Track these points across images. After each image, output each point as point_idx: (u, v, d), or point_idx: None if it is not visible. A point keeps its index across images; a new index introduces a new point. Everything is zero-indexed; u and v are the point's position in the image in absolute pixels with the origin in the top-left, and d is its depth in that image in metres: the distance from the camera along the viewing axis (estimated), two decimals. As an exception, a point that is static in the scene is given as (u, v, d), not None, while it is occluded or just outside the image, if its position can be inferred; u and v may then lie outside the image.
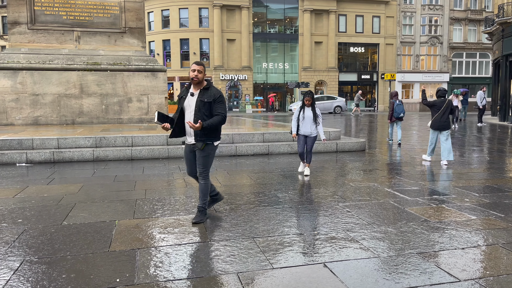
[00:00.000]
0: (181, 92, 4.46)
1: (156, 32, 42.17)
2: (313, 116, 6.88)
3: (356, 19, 44.71)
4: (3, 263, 3.35)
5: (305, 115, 6.90)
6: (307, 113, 6.91)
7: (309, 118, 6.90)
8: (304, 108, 6.94)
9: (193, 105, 4.31)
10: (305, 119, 6.91)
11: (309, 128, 6.92)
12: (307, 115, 6.91)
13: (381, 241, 3.86)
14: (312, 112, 6.90)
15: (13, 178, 6.91)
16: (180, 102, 4.38)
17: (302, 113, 6.92)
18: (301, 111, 6.94)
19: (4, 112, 12.54)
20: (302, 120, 6.92)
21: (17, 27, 13.09)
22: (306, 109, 6.93)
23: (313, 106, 6.92)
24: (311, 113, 6.90)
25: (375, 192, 5.84)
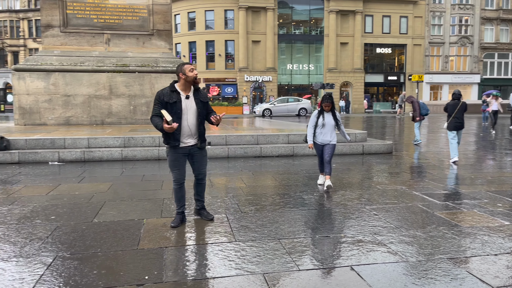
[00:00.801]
0: (169, 97, 4.16)
1: (182, 34, 42.74)
2: (335, 122, 6.16)
3: (383, 19, 44.04)
4: (37, 258, 3.47)
5: (325, 122, 6.10)
6: (327, 119, 6.11)
7: (330, 125, 6.12)
8: (324, 114, 6.13)
9: (194, 106, 4.26)
10: (326, 126, 6.11)
11: (329, 136, 6.15)
12: (328, 121, 6.11)
13: (409, 245, 3.79)
14: (333, 118, 6.15)
15: (46, 176, 7.15)
16: (175, 105, 4.15)
17: (322, 119, 6.11)
18: (319, 118, 6.14)
19: (38, 112, 12.98)
20: (322, 127, 6.12)
21: (50, 30, 13.54)
22: (326, 115, 6.13)
23: (333, 111, 6.17)
24: (332, 119, 6.13)
25: (403, 195, 5.73)
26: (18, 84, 12.88)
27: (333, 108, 6.17)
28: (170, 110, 4.13)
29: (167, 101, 4.15)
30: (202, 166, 4.49)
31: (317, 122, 6.14)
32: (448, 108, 9.00)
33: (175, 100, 4.17)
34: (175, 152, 4.27)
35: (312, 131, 6.20)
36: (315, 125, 6.16)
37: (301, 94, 45.40)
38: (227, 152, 9.46)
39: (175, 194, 4.41)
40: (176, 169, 4.32)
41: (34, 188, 6.21)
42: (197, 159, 4.42)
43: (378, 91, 47.11)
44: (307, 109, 32.60)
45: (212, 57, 42.32)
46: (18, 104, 12.93)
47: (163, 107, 4.13)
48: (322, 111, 6.16)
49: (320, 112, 6.18)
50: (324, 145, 6.19)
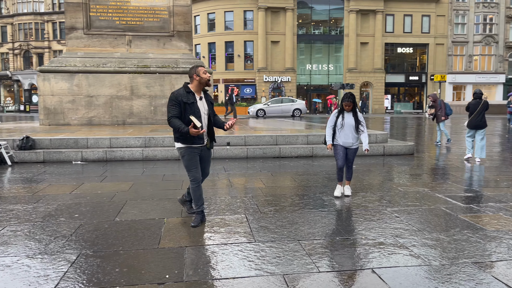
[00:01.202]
0: (186, 97, 4.21)
1: (202, 35, 43.06)
2: (355, 123, 5.62)
3: (405, 18, 43.39)
4: (61, 255, 3.54)
5: (344, 122, 5.60)
6: (347, 119, 5.62)
7: (350, 125, 5.61)
8: (344, 114, 5.66)
9: (206, 107, 4.39)
10: (345, 126, 5.61)
11: (351, 138, 5.63)
12: (348, 122, 5.61)
13: (432, 248, 3.71)
14: (354, 118, 5.63)
15: (70, 175, 7.30)
16: (193, 106, 4.22)
17: (341, 119, 5.63)
18: (339, 117, 5.67)
19: (62, 112, 13.28)
20: (341, 127, 5.63)
21: (74, 32, 13.84)
22: (346, 115, 5.64)
23: (354, 111, 5.65)
24: (352, 120, 5.62)
25: (425, 198, 5.63)
26: (43, 85, 13.21)
27: (355, 108, 5.66)
28: (189, 111, 4.20)
29: (186, 102, 4.20)
30: (208, 165, 4.63)
31: (336, 122, 5.68)
32: (470, 107, 9.23)
33: (193, 100, 4.24)
34: (192, 152, 4.33)
35: (330, 131, 5.74)
36: (333, 125, 5.70)
37: (320, 94, 45.19)
38: (246, 153, 9.47)
39: (194, 193, 4.43)
40: (194, 168, 4.37)
41: (58, 186, 6.35)
42: (204, 158, 4.53)
43: (399, 91, 46.42)
44: (301, 110, 32.05)
45: (231, 58, 42.50)
46: (43, 104, 13.26)
47: (180, 108, 4.19)
48: (342, 110, 5.69)
49: (340, 112, 5.70)
50: (347, 148, 5.71)
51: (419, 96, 46.19)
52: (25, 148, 8.92)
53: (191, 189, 4.44)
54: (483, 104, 9.01)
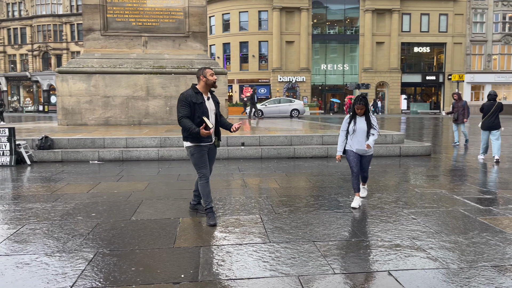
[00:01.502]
0: (195, 98, 4.36)
1: (216, 35, 43.24)
2: (368, 127, 5.12)
3: (421, 17, 42.81)
4: (79, 253, 3.60)
5: (356, 127, 5.13)
6: (359, 124, 5.13)
7: (362, 131, 5.12)
8: (356, 118, 5.18)
9: (213, 107, 4.58)
10: (357, 132, 5.13)
11: (364, 144, 5.16)
12: (360, 127, 5.12)
13: (450, 251, 3.65)
14: (366, 122, 5.14)
15: (87, 175, 7.41)
16: (202, 106, 4.39)
17: (353, 124, 5.17)
18: (351, 123, 5.21)
19: (79, 113, 13.49)
20: (353, 133, 5.17)
21: (91, 33, 14.05)
22: (358, 120, 5.16)
23: (367, 115, 5.16)
24: (364, 125, 5.12)
25: (443, 199, 5.54)
26: (62, 86, 13.44)
27: (367, 111, 5.16)
28: (198, 111, 4.35)
29: (195, 102, 4.37)
30: (212, 163, 4.78)
31: (348, 128, 5.24)
32: (484, 108, 9.32)
33: (201, 101, 4.42)
34: (201, 150, 4.49)
35: (342, 138, 5.29)
36: (346, 130, 5.26)
37: (335, 94, 44.90)
38: (260, 153, 9.47)
39: (204, 190, 4.53)
40: (203, 165, 4.51)
41: (76, 186, 6.45)
42: (211, 156, 4.68)
43: (415, 91, 45.82)
44: (299, 110, 31.70)
45: (246, 58, 42.56)
46: (61, 105, 13.49)
47: (190, 108, 4.35)
48: (354, 115, 5.20)
49: (352, 117, 5.22)
50: (361, 155, 5.30)
51: (436, 96, 45.51)
52: (43, 147, 9.09)
53: (200, 186, 4.54)
54: (497, 106, 9.11)
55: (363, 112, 5.16)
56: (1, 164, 8.44)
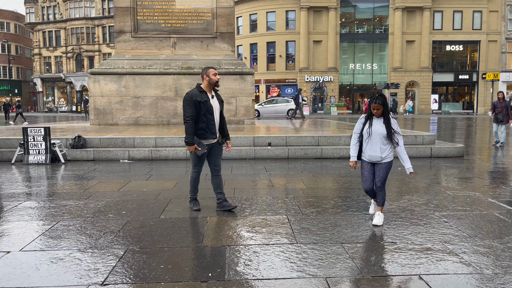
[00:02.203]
0: (199, 96, 4.62)
1: (244, 36, 43.42)
2: (387, 131, 4.30)
3: (454, 15, 41.60)
4: (110, 250, 3.69)
5: (372, 130, 4.34)
6: (376, 126, 4.34)
7: (378, 135, 4.32)
8: (372, 120, 4.39)
9: (217, 105, 4.84)
10: (373, 136, 4.35)
11: (379, 150, 4.35)
12: (376, 129, 4.33)
13: (484, 256, 3.53)
14: (385, 125, 4.32)
15: (117, 173, 7.60)
16: (206, 104, 4.65)
17: (368, 127, 4.38)
18: (365, 124, 4.43)
19: (110, 113, 13.85)
20: (368, 137, 4.39)
21: (122, 35, 14.39)
22: (374, 122, 4.37)
23: (385, 116, 4.33)
24: (382, 127, 4.32)
25: (477, 202, 5.36)
26: (94, 87, 13.83)
27: (386, 112, 4.35)
28: (203, 109, 4.64)
29: (200, 101, 4.63)
30: (218, 158, 4.99)
31: (362, 130, 4.45)
32: None
33: (206, 99, 4.68)
34: (203, 148, 4.72)
35: (355, 141, 4.52)
36: (360, 133, 4.47)
37: (364, 94, 44.22)
38: (287, 153, 9.44)
39: (194, 182, 4.97)
40: (200, 163, 4.92)
41: (107, 184, 6.62)
42: (215, 152, 4.92)
43: (447, 91, 44.56)
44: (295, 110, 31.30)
45: (273, 58, 42.55)
46: (93, 105, 13.88)
47: (196, 107, 4.62)
48: (370, 115, 4.41)
49: (368, 117, 4.43)
50: (374, 164, 4.45)
51: (469, 96, 44.10)
52: (77, 146, 9.38)
53: (192, 178, 4.97)
54: None
55: (381, 113, 4.33)
56: (37, 162, 8.77)
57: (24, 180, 7.04)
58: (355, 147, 4.52)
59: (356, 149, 4.52)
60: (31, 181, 6.94)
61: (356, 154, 4.54)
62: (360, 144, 4.49)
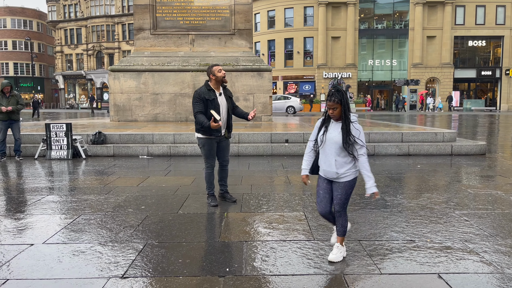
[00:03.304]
0: (207, 94, 4.77)
1: (261, 32, 43.35)
2: (343, 140, 3.19)
3: (477, 9, 40.62)
4: (130, 244, 3.76)
5: (326, 138, 3.27)
6: (332, 132, 3.26)
7: (333, 144, 3.24)
8: (328, 124, 3.31)
9: (225, 102, 4.95)
10: (326, 145, 3.28)
11: (334, 164, 3.27)
12: (332, 137, 3.25)
13: (506, 255, 3.46)
14: (342, 131, 3.20)
15: (137, 169, 7.72)
16: (214, 102, 4.79)
17: (323, 133, 3.31)
18: (321, 129, 3.35)
19: (130, 109, 14.05)
20: (322, 145, 3.32)
21: (141, 32, 14.56)
22: (332, 126, 3.28)
23: (345, 119, 3.19)
24: (338, 134, 3.22)
25: (499, 201, 5.24)
26: (114, 84, 14.05)
27: (345, 113, 3.18)
28: (210, 106, 4.76)
29: (208, 99, 4.77)
30: (226, 153, 5.20)
31: (317, 138, 3.39)
32: None
33: (213, 97, 4.82)
34: (211, 143, 4.96)
35: (309, 149, 3.49)
36: (314, 140, 3.41)
37: (382, 90, 43.65)
38: (304, 150, 9.39)
39: (209, 178, 5.07)
40: (211, 157, 5.05)
41: (126, 179, 6.74)
42: (223, 147, 5.10)
43: (469, 87, 43.61)
44: (294, 107, 30.76)
45: (291, 55, 42.38)
46: (113, 102, 14.11)
47: (204, 104, 4.76)
48: (328, 118, 3.32)
49: (324, 121, 3.34)
50: (332, 181, 3.38)
51: (492, 92, 43.05)
52: (97, 142, 9.55)
53: (206, 174, 5.08)
54: None
55: (339, 114, 3.20)
56: (59, 157, 8.98)
57: (47, 175, 7.22)
58: (307, 157, 3.50)
59: (309, 160, 3.50)
60: (54, 176, 7.11)
61: (308, 166, 3.51)
62: (317, 154, 3.43)
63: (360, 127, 3.25)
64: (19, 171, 7.62)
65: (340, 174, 3.29)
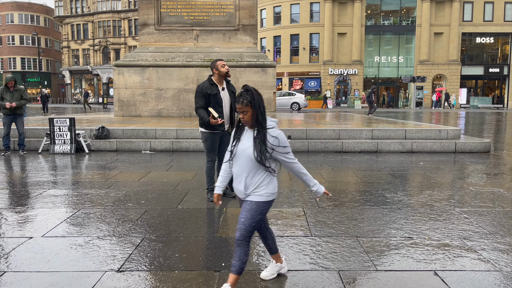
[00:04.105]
0: (210, 89, 4.82)
1: (267, 28, 43.22)
2: (257, 151, 2.57)
3: (485, 6, 40.18)
4: (128, 238, 3.78)
5: (237, 149, 2.68)
6: (244, 143, 2.66)
7: (245, 156, 2.63)
8: (242, 133, 2.72)
9: (228, 97, 4.99)
10: (237, 157, 2.68)
11: (244, 180, 2.65)
12: (244, 148, 2.65)
13: (504, 253, 3.43)
14: (255, 141, 2.60)
15: (139, 164, 7.75)
16: (216, 96, 4.84)
17: (235, 143, 2.71)
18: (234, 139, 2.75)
19: (134, 105, 14.09)
20: (233, 157, 2.72)
21: (146, 28, 14.57)
22: (245, 135, 2.69)
23: (260, 129, 2.61)
24: (250, 145, 2.62)
25: (500, 199, 5.20)
26: (118, 79, 14.09)
27: (259, 118, 2.59)
28: (212, 101, 4.82)
29: (210, 93, 4.82)
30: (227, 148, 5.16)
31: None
32: None
33: (216, 92, 4.86)
34: (214, 137, 5.00)
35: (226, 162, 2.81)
36: (230, 150, 2.75)
37: (389, 87, 43.39)
38: (307, 146, 9.39)
39: (210, 172, 5.13)
40: (213, 151, 5.09)
41: (128, 174, 6.76)
42: (225, 142, 5.05)
43: (476, 85, 43.22)
44: (299, 103, 30.63)
45: (296, 51, 42.23)
46: (117, 97, 14.15)
47: (206, 99, 4.81)
48: (241, 126, 2.73)
49: (238, 128, 2.75)
50: (242, 200, 2.73)
51: (499, 90, 42.64)
52: (100, 137, 9.60)
53: (207, 168, 5.14)
54: None
55: (250, 120, 2.60)
56: (62, 152, 9.03)
57: (49, 169, 7.27)
58: (223, 171, 2.82)
59: (225, 175, 2.82)
60: (56, 170, 7.16)
61: (223, 183, 2.83)
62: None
63: (279, 133, 2.62)
64: (23, 165, 7.68)
65: (249, 193, 2.64)
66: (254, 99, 2.58)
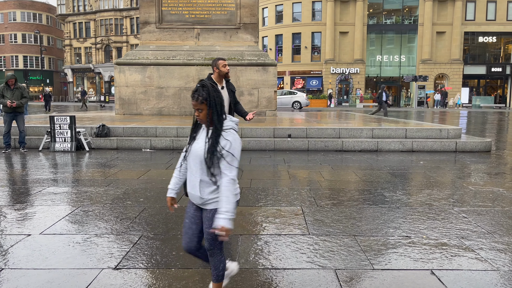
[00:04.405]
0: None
1: (269, 27, 43.18)
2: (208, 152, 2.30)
3: (488, 5, 40.04)
4: (125, 236, 3.78)
5: (191, 149, 2.43)
6: (198, 143, 2.40)
7: (197, 157, 2.37)
8: (198, 132, 2.47)
9: (227, 96, 4.99)
10: (190, 159, 2.42)
11: (198, 185, 2.37)
12: (196, 148, 2.38)
13: (502, 253, 3.42)
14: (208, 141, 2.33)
15: (139, 162, 7.75)
16: None
17: (190, 143, 2.47)
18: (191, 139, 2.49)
19: (135, 103, 14.10)
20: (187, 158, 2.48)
21: (147, 26, 14.57)
22: (200, 134, 2.43)
23: (214, 129, 2.33)
24: (203, 146, 2.35)
25: (500, 198, 5.19)
26: (119, 77, 14.10)
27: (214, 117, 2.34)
28: None
29: None
30: None
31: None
32: None
33: None
34: None
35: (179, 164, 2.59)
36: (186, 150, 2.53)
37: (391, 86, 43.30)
38: (307, 145, 9.39)
39: None
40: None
41: (128, 172, 6.77)
42: None
43: (478, 84, 43.09)
44: (300, 102, 30.59)
45: (298, 50, 42.18)
46: (118, 95, 14.17)
47: None
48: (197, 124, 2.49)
49: (195, 126, 2.49)
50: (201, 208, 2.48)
51: (502, 89, 42.51)
52: (101, 135, 9.61)
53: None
54: None
55: (205, 118, 2.36)
56: (63, 150, 9.05)
57: (50, 166, 7.28)
58: (177, 172, 2.59)
59: (179, 177, 2.58)
60: (56, 167, 7.18)
61: (176, 185, 2.59)
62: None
63: (234, 137, 2.34)
64: (23, 162, 7.70)
65: (206, 200, 2.38)
66: (210, 96, 2.32)
